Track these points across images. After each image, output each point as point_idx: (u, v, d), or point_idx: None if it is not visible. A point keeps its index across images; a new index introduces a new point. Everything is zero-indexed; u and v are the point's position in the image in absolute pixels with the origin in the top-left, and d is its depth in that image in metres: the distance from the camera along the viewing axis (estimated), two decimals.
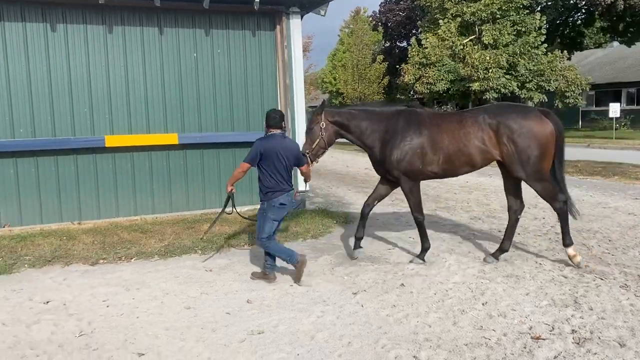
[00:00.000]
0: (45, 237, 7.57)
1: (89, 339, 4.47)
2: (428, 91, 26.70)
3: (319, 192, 12.26)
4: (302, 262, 5.72)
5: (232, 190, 5.91)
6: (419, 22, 30.82)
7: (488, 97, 24.31)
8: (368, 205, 6.71)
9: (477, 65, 23.85)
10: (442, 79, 25.64)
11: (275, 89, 9.65)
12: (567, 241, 6.21)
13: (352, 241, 6.91)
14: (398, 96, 34.72)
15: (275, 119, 5.78)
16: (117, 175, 8.80)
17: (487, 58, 23.56)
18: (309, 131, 6.45)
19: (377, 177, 6.86)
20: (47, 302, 5.33)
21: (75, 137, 8.45)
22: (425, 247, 6.52)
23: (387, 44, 42.44)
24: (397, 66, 34.36)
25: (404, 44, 41.20)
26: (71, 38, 8.37)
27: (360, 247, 6.68)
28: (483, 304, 5.09)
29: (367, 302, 5.18)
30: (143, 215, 8.89)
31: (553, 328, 4.51)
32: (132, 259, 6.81)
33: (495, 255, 6.47)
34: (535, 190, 6.22)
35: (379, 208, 9.80)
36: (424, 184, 6.32)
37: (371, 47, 36.73)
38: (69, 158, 8.49)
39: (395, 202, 10.31)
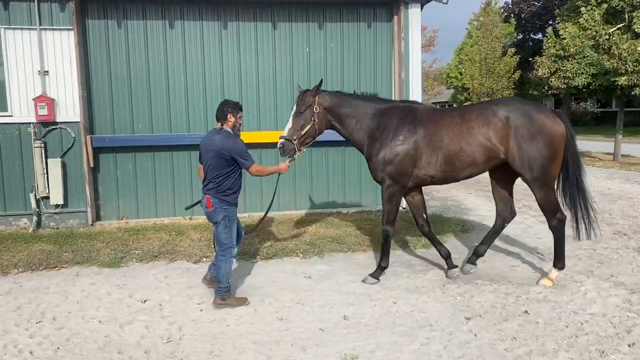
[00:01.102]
0: (156, 231, 7.70)
1: (175, 347, 4.26)
2: (565, 86, 24.38)
3: (435, 195, 11.42)
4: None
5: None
6: (557, 10, 28.31)
7: (637, 92, 21.60)
8: (423, 225, 5.93)
9: (625, 57, 21.18)
10: (582, 73, 23.19)
11: (390, 83, 9.06)
12: (558, 264, 5.59)
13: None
14: (530, 92, 32.36)
15: (218, 111, 5.09)
16: None
17: (639, 49, 20.85)
18: (299, 114, 5.55)
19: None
20: (145, 301, 5.27)
21: (190, 133, 8.55)
22: (382, 266, 5.72)
23: (520, 36, 39.84)
24: (530, 59, 31.94)
25: (539, 36, 38.42)
26: (187, 34, 8.47)
27: (455, 267, 5.84)
28: (629, 346, 4.13)
29: (482, 331, 4.44)
30: (251, 212, 8.78)
31: None
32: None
33: (472, 260, 5.88)
34: (536, 198, 5.50)
35: None
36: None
37: (502, 40, 34.46)
38: (183, 154, 8.62)
39: (522, 209, 9.23)
